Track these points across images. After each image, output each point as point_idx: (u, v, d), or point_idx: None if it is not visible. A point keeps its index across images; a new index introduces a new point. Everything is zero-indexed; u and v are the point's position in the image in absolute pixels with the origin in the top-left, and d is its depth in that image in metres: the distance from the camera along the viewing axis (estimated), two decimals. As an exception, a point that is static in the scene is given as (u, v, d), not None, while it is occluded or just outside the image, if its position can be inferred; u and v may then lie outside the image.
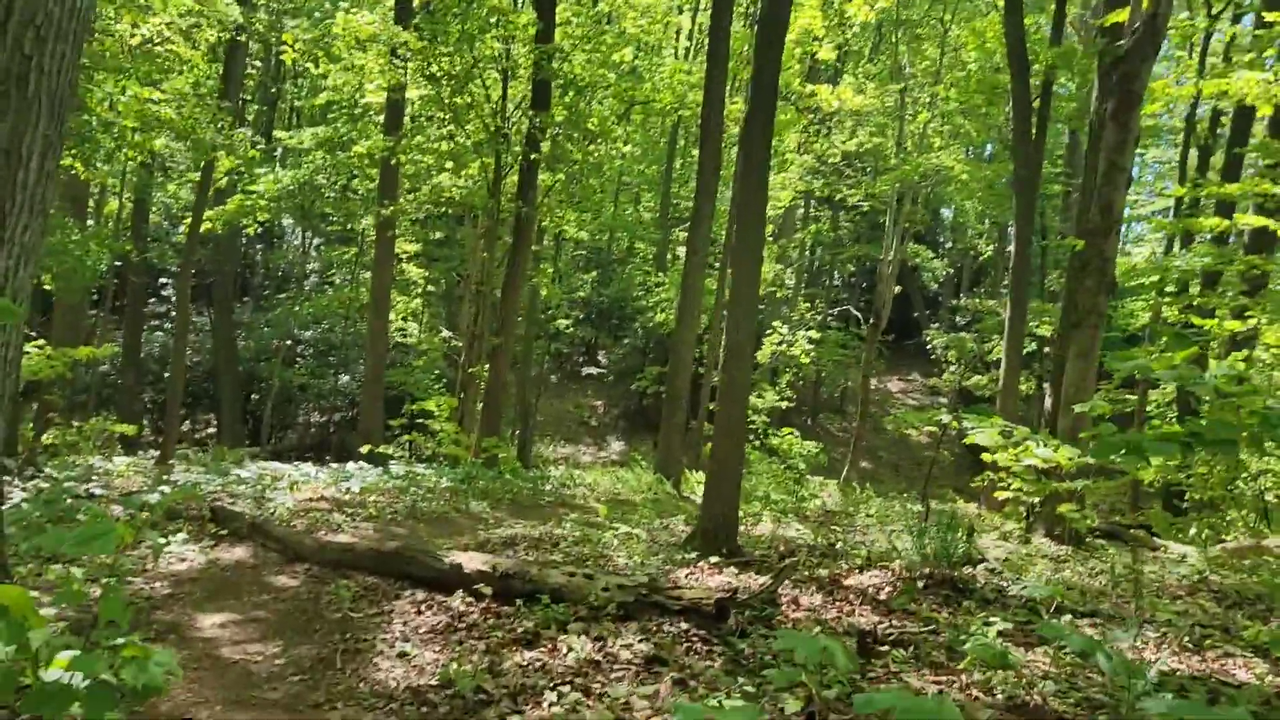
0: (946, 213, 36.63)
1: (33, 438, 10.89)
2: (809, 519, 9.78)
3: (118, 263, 25.90)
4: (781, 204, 21.85)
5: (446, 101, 15.46)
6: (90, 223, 23.66)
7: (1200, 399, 4.95)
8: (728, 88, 14.95)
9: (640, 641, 4.45)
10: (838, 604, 5.24)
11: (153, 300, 27.15)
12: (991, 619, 4.68)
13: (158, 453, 15.56)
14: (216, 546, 6.89)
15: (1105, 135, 9.31)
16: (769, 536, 7.71)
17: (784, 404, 22.69)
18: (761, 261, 7.11)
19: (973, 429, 7.61)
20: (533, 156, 14.72)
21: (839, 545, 7.16)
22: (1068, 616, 5.14)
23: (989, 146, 28.32)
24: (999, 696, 3.88)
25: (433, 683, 4.12)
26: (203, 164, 14.20)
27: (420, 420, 15.00)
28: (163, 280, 27.92)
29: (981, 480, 11.78)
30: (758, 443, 22.50)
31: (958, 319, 32.82)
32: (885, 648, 4.43)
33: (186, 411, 26.32)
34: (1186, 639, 4.92)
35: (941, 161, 21.52)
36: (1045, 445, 7.94)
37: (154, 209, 26.72)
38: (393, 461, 13.88)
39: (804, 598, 5.39)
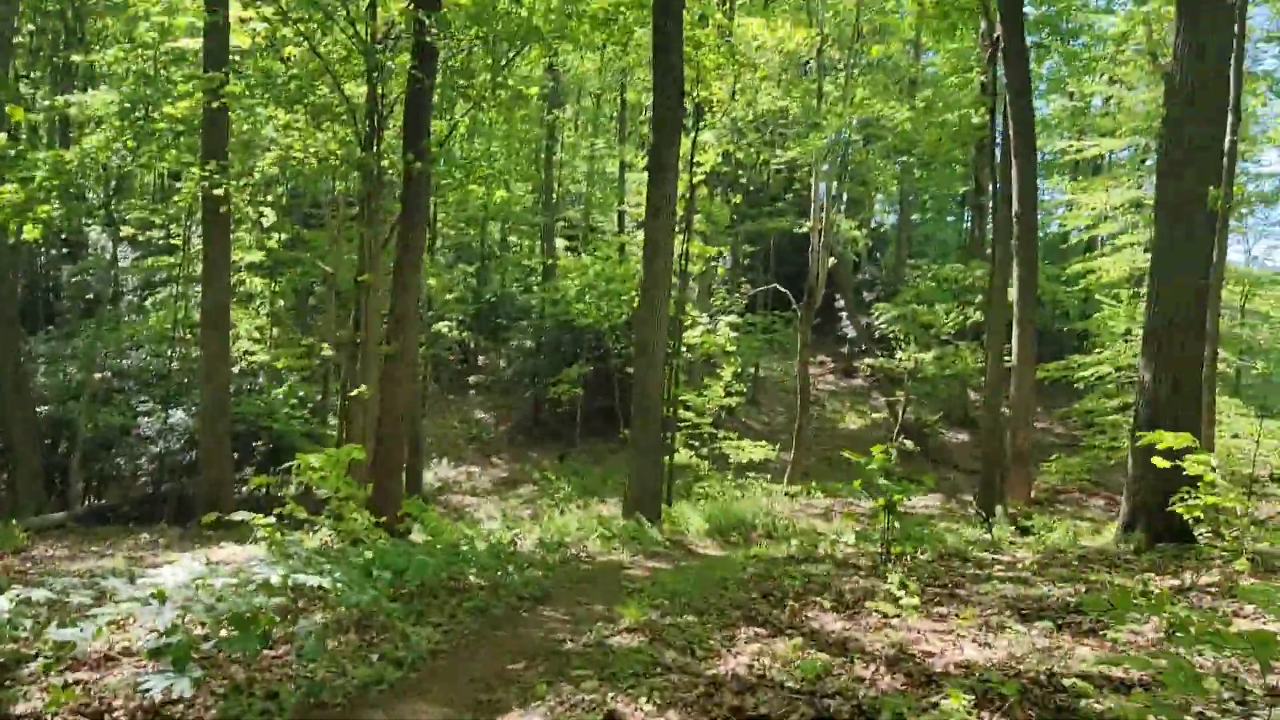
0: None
1: None
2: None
3: None
4: (705, 167, 17.51)
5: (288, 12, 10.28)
6: None
7: None
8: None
9: None
10: None
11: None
12: None
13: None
14: None
15: None
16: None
17: (732, 400, 18.37)
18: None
19: None
20: (427, 82, 9.73)
21: None
22: None
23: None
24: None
25: None
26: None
27: (288, 473, 9.74)
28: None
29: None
30: (703, 449, 18.14)
31: (864, 294, 29.45)
32: None
33: (-36, 474, 19.60)
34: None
35: (885, 109, 17.74)
36: None
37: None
38: (255, 536, 8.66)
39: None
